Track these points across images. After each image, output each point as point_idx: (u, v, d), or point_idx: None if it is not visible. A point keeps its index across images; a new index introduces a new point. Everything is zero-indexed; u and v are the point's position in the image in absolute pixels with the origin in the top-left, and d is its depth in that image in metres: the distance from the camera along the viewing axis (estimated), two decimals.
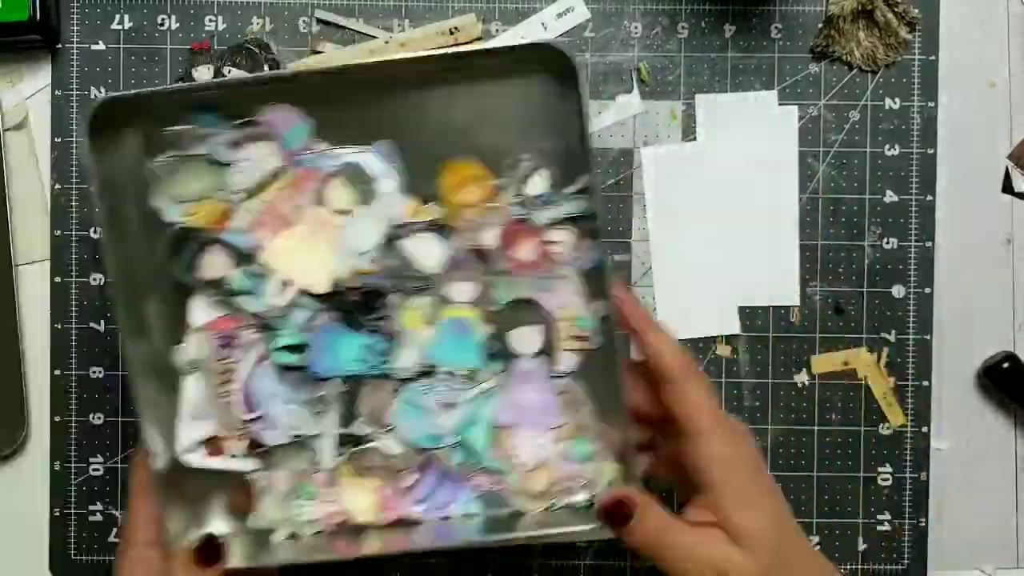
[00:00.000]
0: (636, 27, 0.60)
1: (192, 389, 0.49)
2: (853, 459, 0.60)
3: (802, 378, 0.60)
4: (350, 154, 0.48)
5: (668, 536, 0.44)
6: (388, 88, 0.48)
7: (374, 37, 0.60)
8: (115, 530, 0.60)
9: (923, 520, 0.60)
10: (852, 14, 0.58)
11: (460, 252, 0.49)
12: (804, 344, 0.60)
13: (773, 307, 0.60)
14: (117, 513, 0.60)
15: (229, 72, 0.58)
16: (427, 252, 0.49)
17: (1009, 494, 0.61)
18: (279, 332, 0.48)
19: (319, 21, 0.60)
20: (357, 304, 0.49)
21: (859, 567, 0.60)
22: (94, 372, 0.60)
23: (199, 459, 0.49)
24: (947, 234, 0.60)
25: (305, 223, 0.48)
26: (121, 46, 0.60)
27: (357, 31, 0.60)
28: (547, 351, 0.48)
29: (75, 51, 0.60)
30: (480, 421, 0.49)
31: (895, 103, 0.60)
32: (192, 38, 0.60)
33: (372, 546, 0.47)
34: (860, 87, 0.60)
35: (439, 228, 0.49)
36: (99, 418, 0.60)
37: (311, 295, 0.48)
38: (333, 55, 0.59)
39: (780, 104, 0.60)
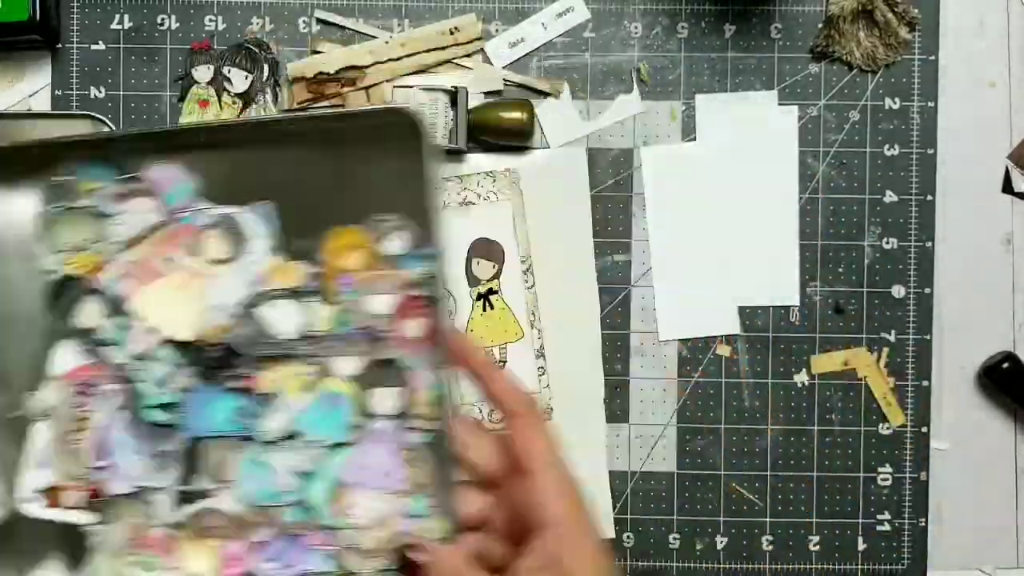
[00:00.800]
0: (636, 27, 0.60)
1: (40, 436, 0.48)
2: (853, 459, 0.60)
3: (802, 378, 0.60)
4: (227, 210, 0.48)
5: None
6: (269, 148, 0.48)
7: (374, 37, 0.60)
8: None
9: (923, 520, 0.60)
10: (852, 14, 0.58)
11: (350, 326, 0.47)
12: (804, 344, 0.60)
13: (773, 307, 0.60)
14: None
15: (229, 72, 0.58)
16: (284, 318, 0.47)
17: (1009, 494, 0.61)
18: (151, 390, 0.47)
19: (319, 21, 0.60)
20: (218, 360, 0.47)
21: (859, 567, 0.60)
22: None
23: (38, 509, 0.48)
24: (947, 234, 0.60)
25: (177, 274, 0.48)
26: (121, 46, 0.60)
27: (357, 31, 0.60)
28: (404, 414, 0.46)
29: (75, 51, 0.60)
30: (323, 478, 0.47)
31: (895, 103, 0.60)
32: (192, 38, 0.60)
33: None
34: (860, 87, 0.60)
35: (301, 294, 0.47)
36: None
37: (174, 346, 0.47)
38: (332, 55, 0.59)
39: (780, 104, 0.60)
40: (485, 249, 0.60)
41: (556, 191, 0.60)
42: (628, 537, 0.60)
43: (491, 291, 0.60)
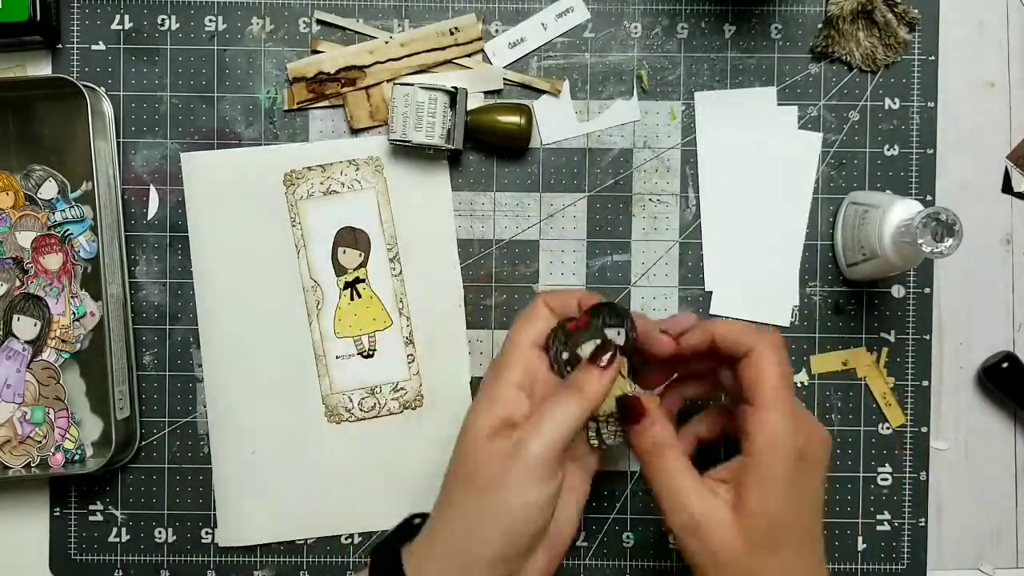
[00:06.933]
0: (636, 27, 0.60)
1: None
2: (853, 459, 0.60)
3: (802, 378, 0.60)
4: None
5: (666, 458, 0.46)
6: None
7: (374, 37, 0.60)
8: (115, 530, 0.60)
9: (923, 520, 0.60)
10: (852, 14, 0.58)
11: (4, 255, 0.58)
12: (804, 344, 0.60)
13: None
14: (117, 513, 0.60)
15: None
16: None
17: (1009, 494, 0.61)
18: None
19: (319, 21, 0.60)
20: None
21: (859, 567, 0.60)
22: None
23: None
24: None
25: None
26: (121, 46, 0.60)
27: (357, 31, 0.60)
28: (38, 341, 0.58)
29: (75, 51, 0.60)
30: None
31: (895, 103, 0.60)
32: (192, 38, 0.60)
33: None
34: (860, 87, 0.60)
35: None
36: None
37: None
38: (332, 55, 0.59)
39: (780, 104, 0.60)
40: (351, 238, 0.60)
41: (418, 176, 0.60)
42: (628, 537, 0.60)
43: (358, 279, 0.60)
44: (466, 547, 0.45)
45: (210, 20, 0.60)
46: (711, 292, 0.60)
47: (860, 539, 0.60)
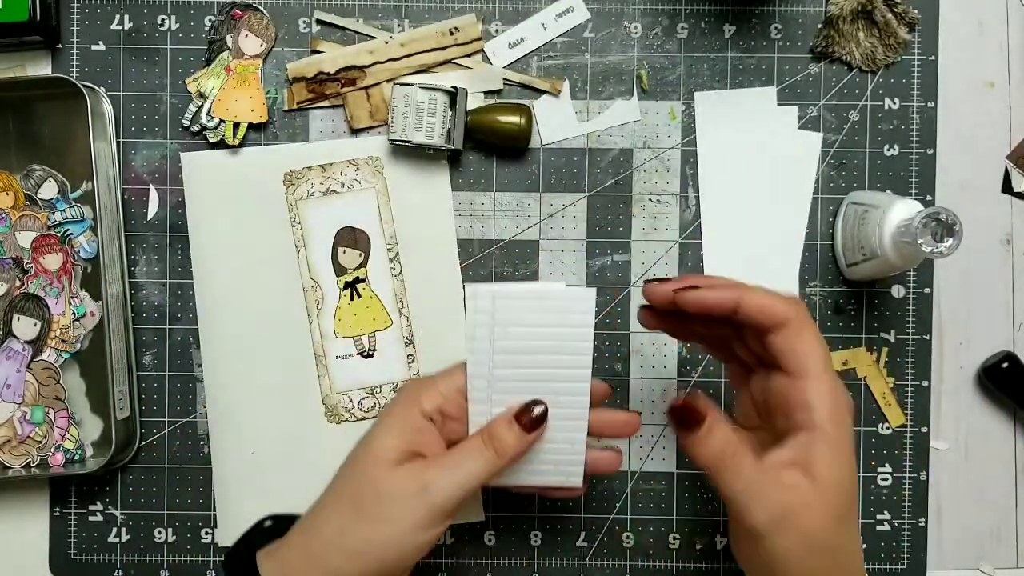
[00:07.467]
0: (636, 27, 0.60)
1: None
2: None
3: None
4: None
5: (736, 460, 0.44)
6: None
7: (374, 37, 0.60)
8: (115, 530, 0.60)
9: (923, 520, 0.60)
10: (852, 14, 0.58)
11: (4, 255, 0.58)
12: None
13: None
14: (117, 513, 0.60)
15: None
16: None
17: (1009, 494, 0.61)
18: None
19: (319, 21, 0.60)
20: None
21: None
22: None
23: None
24: None
25: None
26: (121, 46, 0.60)
27: (357, 31, 0.60)
28: (38, 341, 0.58)
29: (75, 51, 0.60)
30: None
31: (895, 103, 0.60)
32: (192, 38, 0.60)
33: None
34: (860, 87, 0.60)
35: None
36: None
37: None
38: (332, 55, 0.59)
39: (780, 104, 0.60)
40: (351, 238, 0.60)
41: (418, 176, 0.60)
42: (628, 537, 0.60)
43: (358, 279, 0.60)
44: (338, 564, 0.45)
45: (210, 20, 0.60)
46: None
47: (860, 539, 0.60)
